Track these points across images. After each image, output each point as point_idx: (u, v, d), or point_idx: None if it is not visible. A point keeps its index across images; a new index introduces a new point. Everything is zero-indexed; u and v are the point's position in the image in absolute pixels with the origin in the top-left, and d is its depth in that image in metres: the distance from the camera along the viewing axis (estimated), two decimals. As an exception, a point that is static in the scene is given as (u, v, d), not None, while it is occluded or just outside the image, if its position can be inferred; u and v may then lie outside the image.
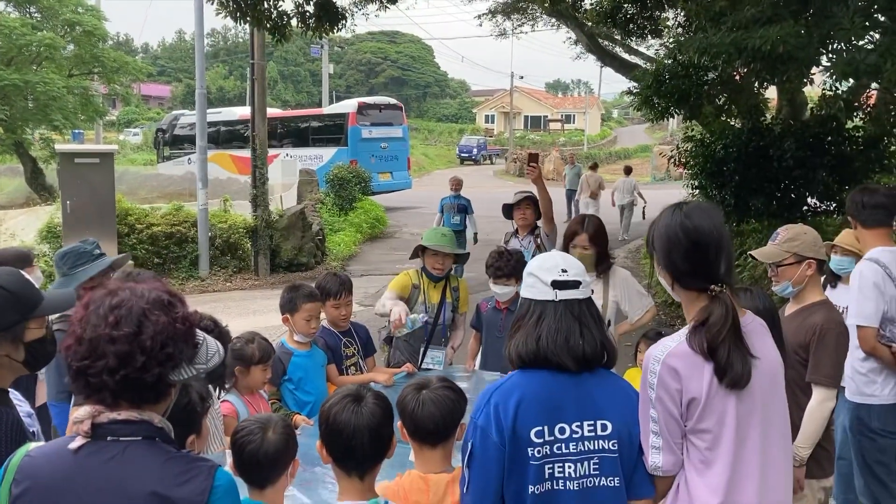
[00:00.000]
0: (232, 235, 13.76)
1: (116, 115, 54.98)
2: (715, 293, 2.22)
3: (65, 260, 3.98)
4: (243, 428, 2.43)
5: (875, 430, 3.93)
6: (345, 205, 18.95)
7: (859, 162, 8.96)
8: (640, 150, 51.55)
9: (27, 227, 14.61)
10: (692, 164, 10.26)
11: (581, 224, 4.39)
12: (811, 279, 3.42)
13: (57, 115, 21.47)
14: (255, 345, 3.57)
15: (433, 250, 4.63)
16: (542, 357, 2.18)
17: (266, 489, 2.36)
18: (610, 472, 2.19)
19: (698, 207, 2.32)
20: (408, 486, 2.38)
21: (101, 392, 1.68)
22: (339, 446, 2.18)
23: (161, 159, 29.08)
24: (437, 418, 2.36)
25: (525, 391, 2.18)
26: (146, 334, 1.66)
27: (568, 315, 2.21)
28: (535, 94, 74.47)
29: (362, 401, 2.22)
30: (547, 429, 2.15)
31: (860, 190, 4.12)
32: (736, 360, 2.14)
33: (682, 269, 2.27)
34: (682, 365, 2.18)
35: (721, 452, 2.18)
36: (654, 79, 10.11)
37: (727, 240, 2.28)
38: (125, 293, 1.71)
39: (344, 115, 24.33)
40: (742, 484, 2.19)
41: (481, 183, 35.74)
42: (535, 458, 2.14)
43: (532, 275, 2.29)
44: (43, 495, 1.65)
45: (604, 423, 2.18)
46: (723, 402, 2.17)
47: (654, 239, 2.35)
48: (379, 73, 78.35)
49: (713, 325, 2.15)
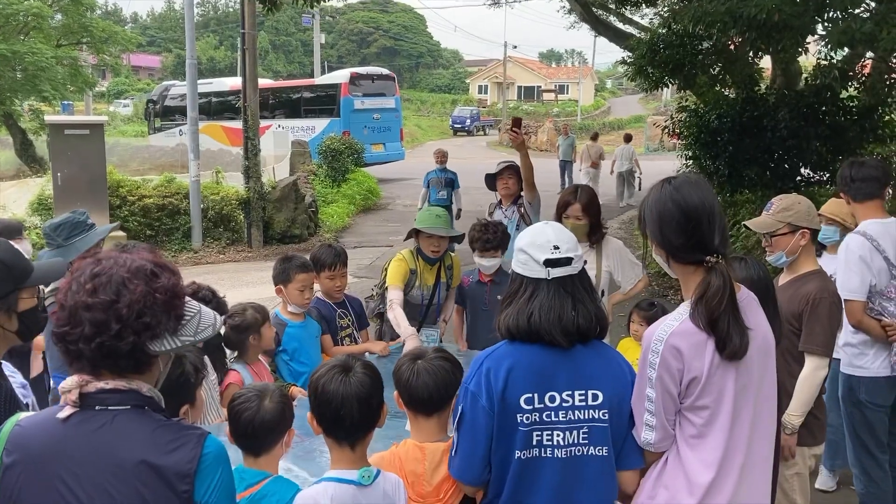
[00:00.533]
0: (224, 207, 13.71)
1: (106, 86, 54.52)
2: (711, 264, 2.21)
3: (58, 231, 3.97)
4: (240, 396, 2.44)
5: (863, 402, 3.96)
6: (337, 176, 18.87)
7: (853, 132, 8.96)
8: (633, 121, 51.34)
9: (18, 199, 14.51)
10: (686, 135, 10.25)
11: (574, 194, 4.35)
12: (805, 249, 3.43)
13: (46, 85, 21.20)
14: (252, 310, 3.63)
15: (428, 233, 4.54)
16: (533, 333, 2.19)
17: (261, 457, 2.38)
18: (599, 442, 2.21)
19: (687, 181, 2.32)
20: (403, 455, 2.40)
21: (80, 360, 1.67)
22: (329, 416, 2.19)
23: (152, 131, 28.86)
24: (432, 388, 2.37)
25: (516, 359, 2.20)
26: (122, 303, 1.64)
27: (561, 292, 2.22)
28: (529, 64, 73.97)
29: (351, 371, 2.22)
30: (537, 396, 2.17)
31: (848, 164, 4.10)
32: (734, 332, 2.15)
33: (675, 243, 2.26)
34: (686, 344, 2.17)
35: (717, 427, 2.19)
36: (648, 48, 10.07)
37: (719, 210, 2.27)
38: (109, 262, 1.70)
39: (336, 85, 24.14)
40: (732, 458, 2.21)
41: (474, 154, 35.64)
42: (523, 425, 2.17)
43: (524, 252, 2.28)
44: (32, 464, 1.65)
45: (595, 392, 2.20)
46: (723, 377, 2.17)
47: (646, 216, 2.34)
48: (371, 43, 77.65)
49: (712, 297, 2.15)
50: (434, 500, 2.35)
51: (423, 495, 2.35)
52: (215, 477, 1.68)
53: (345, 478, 2.16)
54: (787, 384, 3.33)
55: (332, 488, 2.14)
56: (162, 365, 1.80)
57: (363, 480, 2.15)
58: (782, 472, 3.40)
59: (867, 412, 3.96)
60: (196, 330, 1.77)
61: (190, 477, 1.64)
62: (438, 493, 2.36)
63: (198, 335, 1.77)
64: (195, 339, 1.77)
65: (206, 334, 1.79)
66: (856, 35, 6.49)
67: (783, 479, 3.41)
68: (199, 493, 1.65)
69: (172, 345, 1.72)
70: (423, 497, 2.35)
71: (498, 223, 4.65)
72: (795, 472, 3.43)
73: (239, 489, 2.18)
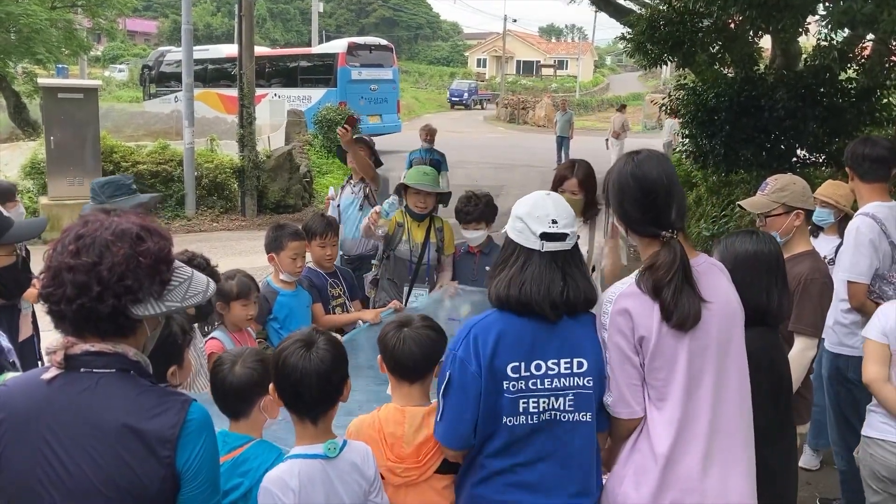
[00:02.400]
0: (219, 175, 13.65)
1: (101, 50, 53.87)
2: (666, 239, 2.26)
3: (104, 189, 4.15)
4: (219, 359, 2.46)
5: (851, 381, 3.98)
6: (333, 147, 18.76)
7: (850, 114, 8.91)
8: (632, 98, 51.05)
9: (10, 162, 14.43)
10: (683, 113, 10.18)
11: (570, 169, 4.33)
12: (799, 229, 3.42)
13: (40, 48, 20.93)
14: (235, 280, 3.59)
15: (415, 189, 4.62)
16: (522, 303, 2.22)
17: (240, 420, 2.39)
18: (585, 408, 2.25)
19: (649, 156, 2.36)
20: (384, 418, 2.42)
21: (64, 321, 1.67)
22: (288, 391, 2.18)
23: (147, 97, 28.62)
24: (418, 356, 2.39)
25: (504, 327, 2.23)
26: (104, 265, 1.63)
27: (552, 265, 2.25)
28: (528, 38, 73.47)
29: (313, 346, 2.19)
30: (523, 364, 2.21)
31: (862, 141, 4.04)
32: (683, 302, 2.19)
33: (633, 216, 2.34)
34: (632, 304, 2.23)
35: (673, 389, 2.24)
36: (647, 25, 9.98)
37: (678, 187, 2.33)
38: (95, 224, 1.69)
39: (333, 55, 23.95)
40: (695, 420, 2.24)
41: (472, 128, 35.51)
42: (509, 392, 2.20)
43: (521, 220, 2.30)
44: (17, 424, 1.65)
45: (580, 360, 2.24)
46: (674, 341, 2.22)
47: (609, 187, 2.40)
48: (370, 13, 76.88)
49: (658, 268, 2.21)
50: (413, 462, 2.38)
51: (401, 457, 2.37)
52: (198, 444, 1.67)
53: (310, 453, 2.15)
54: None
55: (298, 465, 2.13)
56: (149, 330, 1.78)
57: (329, 453, 2.15)
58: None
59: (855, 390, 3.98)
60: (184, 296, 1.75)
61: (172, 443, 1.63)
62: (417, 455, 2.38)
63: (185, 301, 1.75)
64: (182, 304, 1.75)
65: (194, 301, 1.77)
66: (857, 16, 6.44)
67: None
68: (180, 459, 1.64)
69: (157, 310, 1.70)
70: (402, 459, 2.37)
71: (484, 194, 4.65)
72: (780, 449, 3.45)
73: (222, 452, 2.18)
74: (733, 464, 2.29)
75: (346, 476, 2.17)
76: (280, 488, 2.08)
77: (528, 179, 17.47)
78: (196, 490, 1.68)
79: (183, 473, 1.65)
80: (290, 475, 2.10)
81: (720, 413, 2.27)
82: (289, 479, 2.09)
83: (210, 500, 1.72)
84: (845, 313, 3.96)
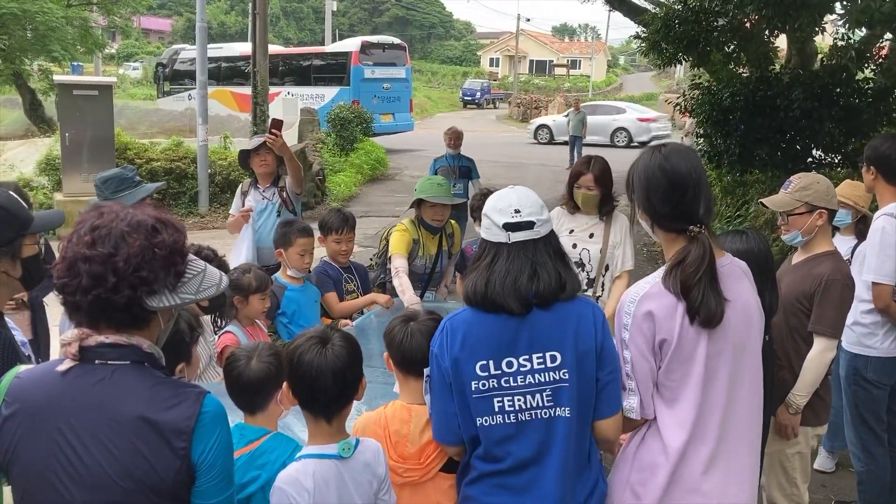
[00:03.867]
0: (232, 173, 13.67)
1: (116, 48, 54.17)
2: (693, 234, 2.22)
3: (107, 184, 4.11)
4: (233, 354, 2.44)
5: (870, 381, 3.94)
6: (346, 145, 18.80)
7: (867, 114, 8.84)
8: (645, 98, 50.92)
9: (26, 158, 14.53)
10: (698, 112, 10.14)
11: (587, 164, 4.29)
12: (821, 229, 3.36)
13: (56, 45, 21.10)
14: (252, 274, 3.63)
15: (431, 202, 4.50)
16: (488, 299, 2.17)
17: (256, 414, 2.37)
18: (564, 403, 2.18)
19: (676, 149, 2.32)
20: (390, 415, 2.40)
21: (79, 312, 1.66)
22: (303, 389, 2.15)
23: (161, 94, 28.76)
24: (426, 348, 2.34)
25: (472, 325, 2.19)
26: (120, 256, 1.62)
27: (521, 257, 2.19)
28: (541, 37, 73.31)
29: (328, 342, 2.17)
30: (492, 363, 2.16)
31: (884, 139, 3.95)
32: (709, 300, 2.15)
33: (661, 211, 2.28)
34: (657, 306, 2.19)
35: (689, 389, 2.21)
36: (662, 24, 9.95)
37: (705, 181, 2.28)
38: (111, 216, 1.68)
39: (347, 53, 23.98)
40: (707, 420, 2.22)
41: (484, 127, 35.49)
42: (478, 391, 2.16)
43: (487, 216, 2.28)
44: (31, 416, 1.65)
45: (553, 354, 2.17)
46: (694, 341, 2.18)
47: (634, 181, 2.35)
48: (383, 12, 77.00)
49: (689, 265, 2.17)
50: (415, 462, 2.35)
51: (405, 457, 2.35)
52: (213, 436, 1.66)
53: (325, 453, 2.13)
54: (795, 364, 3.32)
55: (312, 465, 2.10)
56: (163, 322, 1.77)
57: (344, 453, 2.12)
58: (784, 451, 3.40)
59: (873, 391, 3.93)
60: (198, 288, 1.75)
61: (187, 434, 1.63)
62: (420, 455, 2.36)
63: (199, 294, 1.75)
64: (196, 297, 1.74)
65: (208, 293, 1.77)
66: (875, 15, 6.38)
67: (784, 457, 3.41)
68: (196, 451, 1.64)
69: (171, 301, 1.69)
70: (405, 459, 2.35)
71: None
72: (797, 451, 3.43)
73: (239, 445, 2.19)
74: (737, 468, 2.27)
75: (358, 476, 2.15)
76: (295, 489, 2.06)
77: (540, 178, 17.44)
78: (211, 482, 1.67)
79: (198, 465, 1.65)
80: (306, 476, 2.08)
81: (730, 416, 2.24)
82: (304, 479, 2.07)
83: (224, 492, 1.71)
84: (865, 314, 3.91)
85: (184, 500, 1.67)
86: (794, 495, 3.43)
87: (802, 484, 3.46)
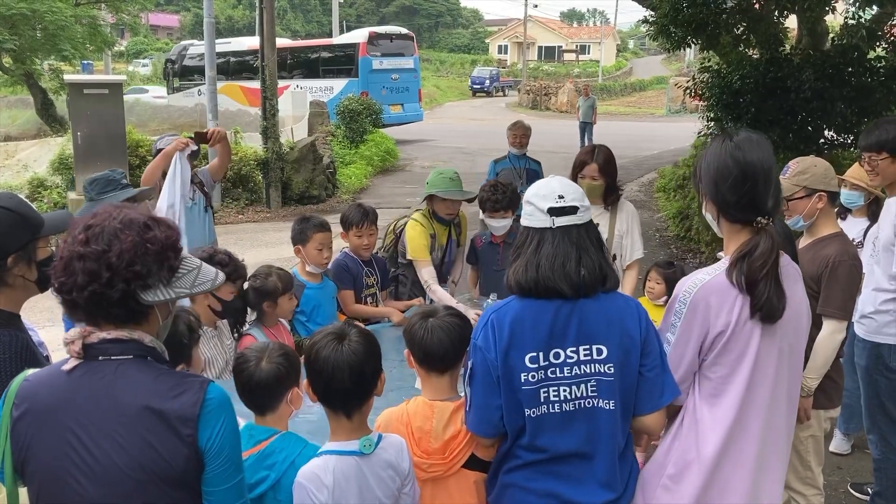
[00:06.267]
0: (243, 168, 13.73)
1: (125, 45, 54.34)
2: (761, 226, 2.20)
3: (93, 185, 4.17)
4: (242, 355, 2.44)
5: (893, 370, 3.89)
6: (355, 137, 18.81)
7: (880, 94, 8.75)
8: (655, 82, 50.67)
9: (39, 158, 14.65)
10: (708, 96, 10.06)
11: (591, 154, 4.26)
12: (823, 211, 3.36)
13: (65, 44, 21.23)
14: (275, 277, 3.64)
15: (444, 197, 4.52)
16: (541, 284, 2.17)
17: (266, 415, 2.37)
18: (607, 395, 2.20)
19: (749, 138, 2.28)
20: (412, 412, 2.41)
21: (77, 310, 1.71)
22: (321, 384, 2.17)
23: (171, 90, 28.83)
24: (447, 344, 2.36)
25: (521, 316, 2.19)
26: (113, 252, 1.67)
27: (566, 241, 2.20)
28: (550, 23, 72.92)
29: (345, 338, 2.18)
30: (542, 354, 2.17)
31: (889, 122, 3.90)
32: (773, 296, 2.14)
33: (729, 200, 2.25)
34: (715, 299, 2.18)
35: (734, 387, 2.20)
36: (671, 7, 9.87)
37: (776, 171, 2.25)
38: (103, 215, 1.73)
39: (354, 45, 23.96)
40: (749, 421, 2.20)
41: (494, 115, 35.37)
42: (528, 383, 2.17)
43: (529, 203, 2.28)
44: (40, 417, 1.69)
45: (599, 347, 2.18)
46: (748, 336, 2.17)
47: (702, 170, 2.31)
48: (390, 2, 76.70)
49: (757, 259, 2.15)
50: (439, 458, 2.37)
51: (428, 452, 2.36)
52: (219, 422, 1.70)
53: (346, 449, 2.14)
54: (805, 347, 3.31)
55: (333, 461, 2.12)
56: (161, 317, 1.82)
57: (365, 450, 2.13)
58: (797, 435, 3.40)
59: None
60: (193, 283, 1.80)
61: (193, 421, 1.67)
62: (444, 451, 2.37)
63: (195, 289, 1.80)
64: (191, 291, 1.79)
65: (202, 288, 1.82)
66: (885, -7, 6.33)
67: (797, 440, 3.41)
68: (203, 437, 1.68)
69: (166, 296, 1.74)
70: (429, 454, 2.36)
71: (508, 183, 4.60)
72: (810, 434, 3.43)
73: (248, 446, 2.20)
74: (771, 469, 2.27)
75: (380, 472, 2.16)
76: (315, 484, 2.08)
77: (551, 165, 17.23)
78: (219, 469, 1.71)
79: (206, 452, 1.69)
80: (325, 472, 2.09)
81: (771, 417, 2.24)
82: (323, 475, 2.08)
83: (233, 478, 1.75)
84: (887, 302, 3.83)
85: (194, 488, 1.71)
86: (808, 478, 3.44)
87: (817, 467, 3.46)
